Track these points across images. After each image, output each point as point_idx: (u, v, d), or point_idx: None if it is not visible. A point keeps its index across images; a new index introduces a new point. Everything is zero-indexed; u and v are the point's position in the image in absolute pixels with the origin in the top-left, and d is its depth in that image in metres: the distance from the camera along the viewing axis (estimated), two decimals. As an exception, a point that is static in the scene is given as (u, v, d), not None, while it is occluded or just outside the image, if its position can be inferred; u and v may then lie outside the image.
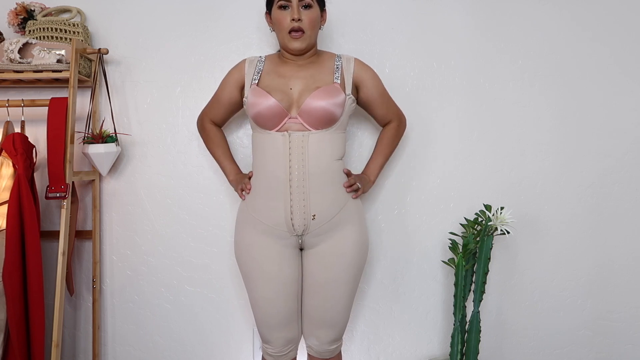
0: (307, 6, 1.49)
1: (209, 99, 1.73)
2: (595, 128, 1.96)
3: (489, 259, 1.77)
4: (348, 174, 1.58)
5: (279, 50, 1.63)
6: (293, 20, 1.47)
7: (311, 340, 1.60)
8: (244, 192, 1.59)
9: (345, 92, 1.52)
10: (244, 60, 1.61)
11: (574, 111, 1.96)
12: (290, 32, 1.49)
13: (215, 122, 1.73)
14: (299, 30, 1.49)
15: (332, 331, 1.58)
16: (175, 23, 1.93)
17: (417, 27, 1.94)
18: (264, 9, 1.61)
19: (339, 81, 1.53)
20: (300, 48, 1.51)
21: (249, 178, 1.60)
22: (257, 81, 1.53)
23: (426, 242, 1.98)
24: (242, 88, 1.59)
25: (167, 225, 1.97)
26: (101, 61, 1.86)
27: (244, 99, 1.56)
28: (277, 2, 1.49)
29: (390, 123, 1.72)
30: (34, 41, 1.77)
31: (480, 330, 1.82)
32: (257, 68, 1.57)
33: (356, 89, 1.59)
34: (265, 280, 1.52)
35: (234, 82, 1.61)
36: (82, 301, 2.00)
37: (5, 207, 1.66)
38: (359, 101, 1.63)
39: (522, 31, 1.94)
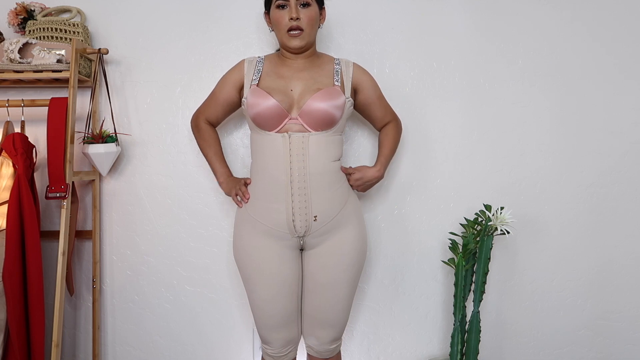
0: (306, 4, 1.49)
1: (206, 100, 1.71)
2: (595, 128, 1.96)
3: (489, 259, 1.77)
4: (345, 170, 1.59)
5: (278, 50, 1.63)
6: (291, 19, 1.47)
7: (311, 340, 1.60)
8: (240, 199, 1.58)
9: (344, 95, 1.52)
10: (243, 60, 1.60)
11: (574, 111, 1.96)
12: (288, 30, 1.49)
13: (211, 122, 1.71)
14: (298, 29, 1.49)
15: (332, 331, 1.58)
16: (176, 23, 1.93)
17: (417, 27, 1.94)
18: (263, 9, 1.61)
19: (339, 84, 1.53)
20: (299, 46, 1.51)
21: (246, 184, 1.58)
22: (257, 82, 1.53)
23: (426, 242, 1.99)
24: (241, 88, 1.59)
25: (167, 225, 1.97)
26: (101, 61, 1.86)
27: (242, 99, 1.56)
28: (275, 1, 1.49)
29: (389, 124, 1.72)
30: (34, 41, 1.77)
31: (480, 330, 1.82)
32: (256, 68, 1.56)
33: (354, 92, 1.59)
34: (265, 282, 1.52)
35: (232, 81, 1.60)
36: (82, 301, 2.00)
37: (5, 207, 1.66)
38: (357, 104, 1.63)
39: (522, 31, 1.94)
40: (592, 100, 1.96)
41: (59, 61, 1.75)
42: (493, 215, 1.77)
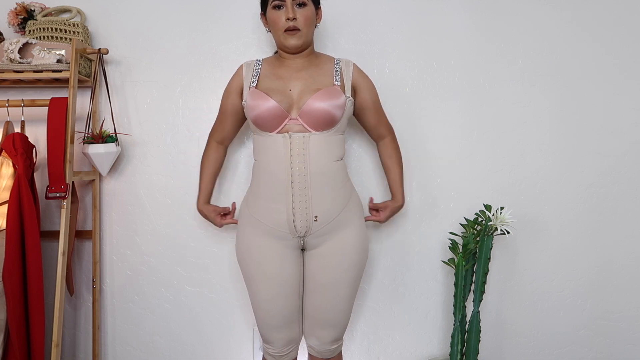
0: (302, 4, 1.49)
1: (216, 117, 1.70)
2: (595, 128, 1.96)
3: (489, 259, 1.77)
4: (373, 206, 1.75)
5: (276, 52, 1.63)
6: (288, 19, 1.47)
7: (312, 340, 1.60)
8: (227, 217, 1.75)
9: (345, 94, 1.52)
10: (242, 66, 1.60)
11: (574, 111, 1.96)
12: (285, 30, 1.49)
13: (223, 140, 1.71)
14: (295, 28, 1.49)
15: (334, 331, 1.58)
16: (176, 23, 1.93)
17: (417, 27, 1.94)
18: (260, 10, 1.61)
19: (339, 83, 1.53)
20: (296, 45, 1.51)
21: (225, 214, 1.73)
22: (255, 84, 1.53)
23: (426, 242, 1.99)
24: (242, 93, 1.58)
25: (167, 225, 1.97)
26: (101, 61, 1.86)
27: (242, 102, 1.56)
28: (272, 2, 1.49)
29: (384, 138, 1.71)
30: (34, 41, 1.77)
31: (480, 330, 1.82)
32: (254, 71, 1.56)
33: (353, 93, 1.59)
34: (266, 281, 1.52)
35: (234, 88, 1.60)
36: (82, 301, 2.00)
37: (5, 207, 1.66)
38: (354, 107, 1.62)
39: (522, 31, 1.94)
40: (592, 100, 1.96)
41: (59, 61, 1.75)
42: (493, 215, 1.77)
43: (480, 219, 1.80)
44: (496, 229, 1.77)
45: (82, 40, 1.80)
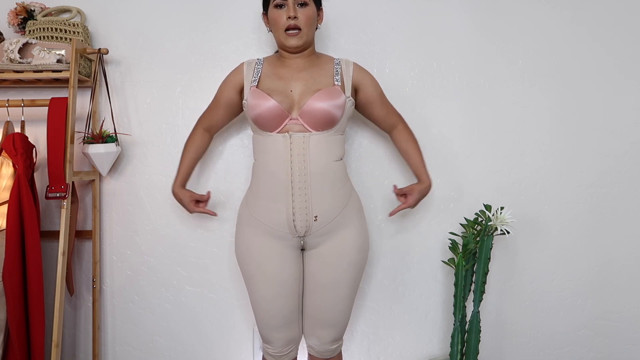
0: (303, 4, 1.49)
1: (208, 105, 1.70)
2: (595, 128, 1.96)
3: (489, 259, 1.77)
4: (398, 191, 1.66)
5: (277, 52, 1.63)
6: (289, 18, 1.47)
7: (312, 340, 1.60)
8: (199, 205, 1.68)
9: (345, 94, 1.52)
10: (243, 63, 1.61)
11: (574, 111, 1.96)
12: (286, 30, 1.49)
13: (211, 127, 1.70)
14: (296, 28, 1.49)
15: (333, 331, 1.58)
16: (176, 23, 1.93)
17: (417, 27, 1.94)
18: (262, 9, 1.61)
19: (339, 83, 1.53)
20: (297, 45, 1.51)
21: (198, 201, 1.66)
22: (256, 83, 1.53)
23: (426, 242, 1.98)
24: (241, 90, 1.59)
25: (167, 225, 1.97)
26: (101, 61, 1.86)
27: (243, 101, 1.56)
28: (273, 1, 1.50)
29: (397, 126, 1.71)
30: (34, 41, 1.77)
31: (480, 330, 1.82)
32: (255, 70, 1.57)
33: (355, 92, 1.59)
34: (266, 281, 1.52)
35: (232, 84, 1.60)
36: (82, 301, 2.00)
37: (5, 207, 1.66)
38: (358, 104, 1.62)
39: (522, 31, 1.94)
40: (592, 100, 1.96)
41: (59, 61, 1.75)
42: (493, 215, 1.77)
43: (480, 219, 1.80)
44: (496, 229, 1.77)
45: (82, 40, 1.80)
